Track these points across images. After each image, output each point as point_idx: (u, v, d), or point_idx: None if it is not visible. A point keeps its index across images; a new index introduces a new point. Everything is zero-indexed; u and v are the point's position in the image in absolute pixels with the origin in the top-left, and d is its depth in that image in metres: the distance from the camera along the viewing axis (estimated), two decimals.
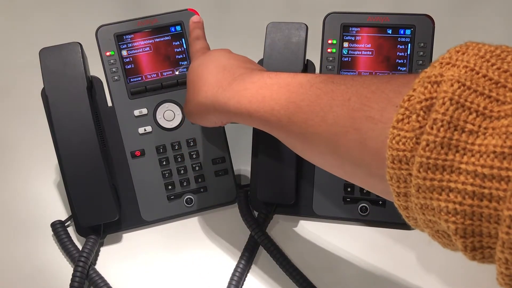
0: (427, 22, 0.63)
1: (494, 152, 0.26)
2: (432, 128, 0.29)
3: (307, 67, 0.65)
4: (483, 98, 0.28)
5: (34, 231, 0.65)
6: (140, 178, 0.65)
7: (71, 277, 0.58)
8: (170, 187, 0.65)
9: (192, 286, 0.60)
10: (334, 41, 0.64)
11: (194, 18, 0.62)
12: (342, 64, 0.64)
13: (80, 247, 0.62)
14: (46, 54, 0.61)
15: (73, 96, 0.60)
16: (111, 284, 0.59)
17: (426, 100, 0.30)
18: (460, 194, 0.28)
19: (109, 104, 0.65)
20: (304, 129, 0.39)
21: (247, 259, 0.61)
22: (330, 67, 0.64)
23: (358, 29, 0.64)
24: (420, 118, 0.30)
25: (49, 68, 0.61)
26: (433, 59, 0.63)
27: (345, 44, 0.64)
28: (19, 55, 0.86)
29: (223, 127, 0.66)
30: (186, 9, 0.65)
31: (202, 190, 0.66)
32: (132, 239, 0.65)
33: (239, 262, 0.61)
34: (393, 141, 0.31)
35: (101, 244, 0.64)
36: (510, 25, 0.86)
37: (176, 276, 0.61)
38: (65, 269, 0.61)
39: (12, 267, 0.63)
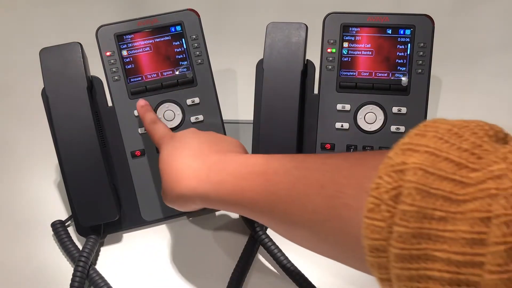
0: (427, 22, 0.63)
1: (464, 238, 0.27)
2: (402, 220, 0.29)
3: (307, 67, 0.65)
4: (447, 182, 0.29)
5: (34, 231, 0.66)
6: (140, 178, 0.65)
7: (71, 277, 0.58)
8: None
9: (192, 286, 0.61)
10: (334, 41, 0.64)
11: (141, 102, 0.62)
12: (342, 64, 0.64)
13: (80, 247, 0.62)
14: (47, 54, 0.61)
15: (73, 96, 0.60)
16: (111, 284, 0.59)
17: (393, 189, 0.30)
18: (438, 281, 0.28)
19: (109, 104, 0.65)
20: (285, 217, 0.41)
21: (247, 259, 0.61)
22: (330, 67, 0.64)
23: (358, 29, 0.64)
24: (390, 208, 0.30)
25: (49, 68, 0.61)
26: (433, 59, 0.63)
27: (345, 44, 0.64)
28: (19, 55, 0.86)
29: (223, 127, 0.66)
30: (187, 9, 0.65)
31: None
32: (132, 239, 0.65)
33: (239, 262, 0.61)
34: (367, 231, 0.31)
35: (101, 244, 0.64)
36: (510, 25, 0.86)
37: (176, 276, 0.61)
38: (65, 269, 0.61)
39: (12, 267, 0.63)
